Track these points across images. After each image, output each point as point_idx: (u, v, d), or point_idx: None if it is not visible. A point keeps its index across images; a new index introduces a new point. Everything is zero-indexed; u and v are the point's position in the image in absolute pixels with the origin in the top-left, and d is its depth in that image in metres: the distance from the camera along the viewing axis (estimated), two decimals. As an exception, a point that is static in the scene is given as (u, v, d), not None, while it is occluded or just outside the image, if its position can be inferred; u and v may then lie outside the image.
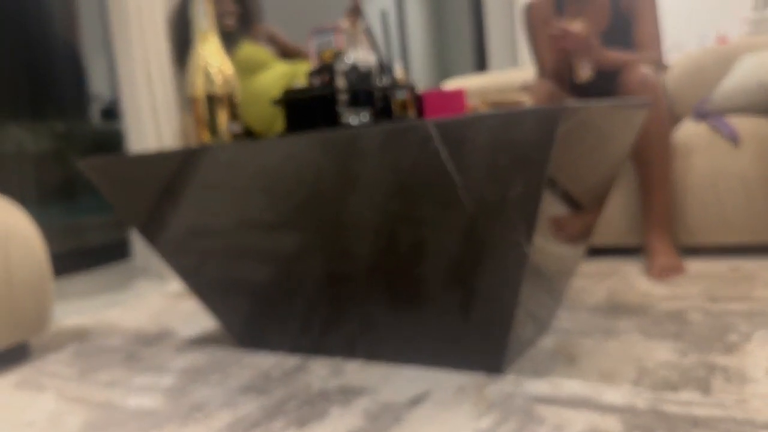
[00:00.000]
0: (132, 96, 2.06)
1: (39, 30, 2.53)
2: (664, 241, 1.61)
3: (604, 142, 1.10)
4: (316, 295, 1.15)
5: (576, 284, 1.54)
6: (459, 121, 0.89)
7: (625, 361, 1.03)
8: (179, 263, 1.27)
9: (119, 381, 1.18)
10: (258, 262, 1.17)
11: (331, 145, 0.99)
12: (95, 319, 1.68)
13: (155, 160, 1.15)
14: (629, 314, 1.26)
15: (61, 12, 2.65)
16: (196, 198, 1.15)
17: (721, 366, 0.97)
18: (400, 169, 0.96)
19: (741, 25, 4.51)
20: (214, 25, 1.14)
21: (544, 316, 1.18)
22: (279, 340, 1.23)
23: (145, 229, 1.26)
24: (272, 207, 1.09)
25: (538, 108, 0.85)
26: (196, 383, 1.12)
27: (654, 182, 1.61)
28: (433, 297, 1.04)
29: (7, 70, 2.41)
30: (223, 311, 1.29)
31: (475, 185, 0.92)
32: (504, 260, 0.95)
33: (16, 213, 1.34)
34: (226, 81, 1.13)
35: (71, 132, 2.59)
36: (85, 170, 1.24)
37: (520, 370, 1.03)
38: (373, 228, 1.03)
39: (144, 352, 1.34)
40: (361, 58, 1.09)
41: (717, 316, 1.20)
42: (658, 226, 1.62)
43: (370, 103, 1.09)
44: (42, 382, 1.21)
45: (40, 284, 1.33)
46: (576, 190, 1.05)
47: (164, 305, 1.78)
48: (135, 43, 2.03)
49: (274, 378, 1.11)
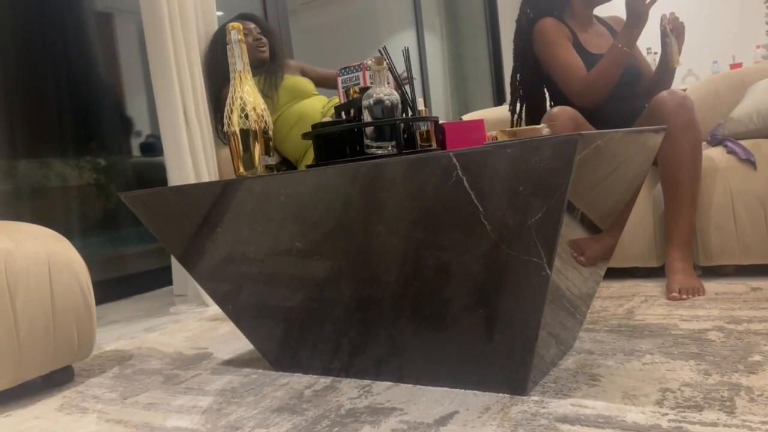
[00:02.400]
0: (171, 132, 2.16)
1: (83, 71, 2.68)
2: (686, 262, 1.62)
3: (622, 167, 1.13)
4: (346, 319, 1.20)
5: (597, 305, 1.56)
6: (480, 150, 0.94)
7: (648, 381, 1.05)
8: (216, 289, 1.33)
9: (158, 403, 1.23)
10: (290, 287, 1.23)
11: (358, 175, 1.05)
12: (135, 344, 1.75)
13: (193, 192, 1.23)
14: (650, 335, 1.28)
15: (104, 54, 2.80)
16: (232, 227, 1.21)
17: (746, 386, 0.98)
18: (424, 197, 1.01)
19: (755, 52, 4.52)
20: (248, 65, 1.22)
21: (567, 337, 1.21)
22: (310, 363, 1.28)
23: (184, 257, 1.33)
24: (303, 235, 1.15)
25: (555, 136, 0.89)
26: (232, 404, 1.17)
27: (682, 203, 1.63)
28: (458, 320, 1.08)
29: (54, 110, 2.55)
30: (258, 335, 1.34)
31: (496, 211, 0.96)
32: (526, 283, 0.98)
33: (60, 242, 1.41)
34: (260, 117, 1.21)
35: (113, 166, 2.71)
36: (127, 202, 1.32)
37: (544, 390, 1.06)
38: (399, 254, 1.08)
39: (182, 375, 1.40)
40: (385, 93, 1.15)
41: (738, 336, 1.21)
42: (681, 246, 1.63)
43: (394, 135, 1.14)
44: (84, 405, 1.28)
45: (84, 310, 1.40)
46: (595, 213, 1.09)
47: (201, 330, 1.85)
48: (173, 82, 2.14)
49: (306, 398, 1.15)
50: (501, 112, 2.50)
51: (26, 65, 2.44)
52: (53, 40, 2.53)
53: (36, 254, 1.32)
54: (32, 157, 2.39)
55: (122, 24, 2.84)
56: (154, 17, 2.13)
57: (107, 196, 1.53)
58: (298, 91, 2.26)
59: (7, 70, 2.38)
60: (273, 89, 2.21)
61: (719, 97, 2.01)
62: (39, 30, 2.48)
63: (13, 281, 1.27)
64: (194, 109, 2.22)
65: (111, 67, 2.82)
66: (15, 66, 2.41)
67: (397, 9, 4.70)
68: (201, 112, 2.26)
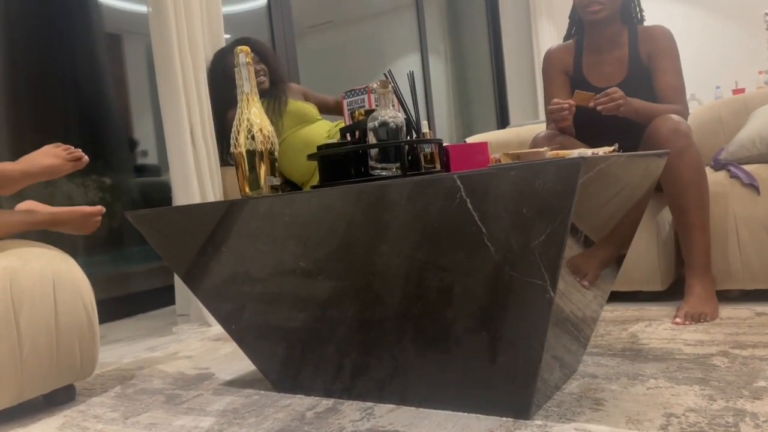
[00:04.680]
0: (178, 152, 2.18)
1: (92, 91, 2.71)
2: (705, 285, 1.61)
3: (625, 191, 1.14)
4: (348, 340, 1.19)
5: (600, 329, 1.55)
6: (484, 173, 0.95)
7: (652, 406, 1.04)
8: (219, 309, 1.33)
9: (160, 423, 1.23)
10: (293, 308, 1.23)
11: (362, 196, 1.06)
12: (138, 363, 1.75)
13: (199, 212, 1.24)
14: (654, 359, 1.27)
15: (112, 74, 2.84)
16: (236, 247, 1.22)
17: (750, 412, 0.98)
18: (427, 218, 1.02)
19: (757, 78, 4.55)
20: (256, 88, 1.23)
21: (571, 361, 1.21)
22: (312, 384, 1.28)
23: (188, 276, 1.33)
24: (306, 255, 1.16)
25: (558, 159, 0.90)
26: (233, 425, 1.16)
27: (692, 228, 1.62)
28: (461, 341, 1.07)
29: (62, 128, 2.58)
30: (260, 355, 1.34)
31: (500, 233, 0.97)
32: (529, 305, 0.98)
33: (65, 261, 1.41)
34: (266, 138, 1.22)
35: (118, 185, 2.73)
36: (133, 221, 1.33)
37: (548, 414, 1.05)
38: (402, 275, 1.08)
39: (184, 395, 1.39)
40: (390, 115, 1.17)
41: (743, 361, 1.21)
42: (699, 270, 1.62)
43: (399, 156, 1.15)
44: (86, 424, 1.27)
45: (87, 330, 1.40)
46: (598, 237, 1.09)
47: (203, 350, 1.84)
48: (181, 103, 2.17)
49: (308, 420, 1.15)
50: (504, 135, 2.52)
51: (35, 85, 2.48)
52: (62, 61, 2.57)
53: (41, 273, 1.33)
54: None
55: (130, 45, 2.88)
56: (163, 38, 2.16)
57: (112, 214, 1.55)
58: (303, 115, 2.28)
59: (16, 89, 2.41)
60: (278, 116, 2.23)
61: (722, 123, 2.02)
62: (48, 50, 2.52)
63: (18, 299, 1.27)
64: (201, 130, 2.24)
65: (118, 87, 2.85)
66: (24, 85, 2.44)
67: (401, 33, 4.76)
68: (207, 133, 2.28)
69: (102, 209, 1.52)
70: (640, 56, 1.86)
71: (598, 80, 1.90)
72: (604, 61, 1.90)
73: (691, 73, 1.93)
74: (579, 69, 1.94)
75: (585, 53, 1.94)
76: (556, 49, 2.01)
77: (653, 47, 1.84)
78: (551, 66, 1.99)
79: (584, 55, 1.94)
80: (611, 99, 1.63)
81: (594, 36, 1.91)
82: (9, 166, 1.34)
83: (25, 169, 1.36)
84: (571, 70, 1.95)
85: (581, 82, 1.92)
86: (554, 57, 1.99)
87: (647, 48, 1.85)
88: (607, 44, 1.90)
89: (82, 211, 1.49)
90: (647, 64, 1.85)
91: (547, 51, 2.04)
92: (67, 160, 1.42)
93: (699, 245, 1.62)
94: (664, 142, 1.60)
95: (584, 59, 1.94)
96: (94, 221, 1.51)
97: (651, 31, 1.87)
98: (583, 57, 1.94)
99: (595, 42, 1.91)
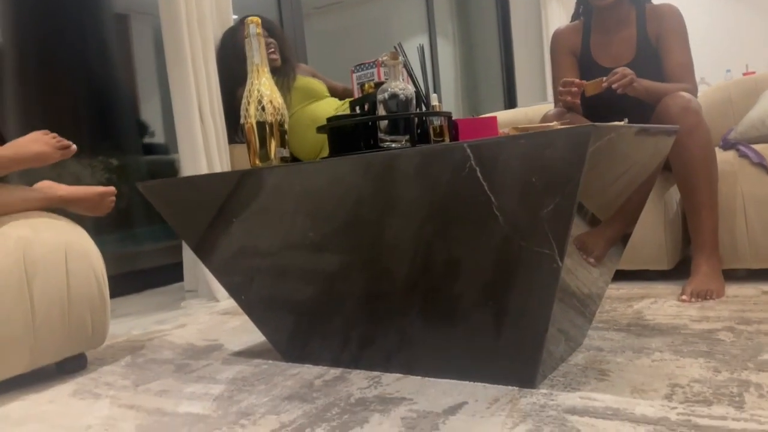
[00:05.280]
0: (186, 129, 2.19)
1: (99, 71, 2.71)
2: (712, 263, 1.61)
3: (633, 168, 1.14)
4: (356, 312, 1.21)
5: (606, 305, 1.56)
6: (493, 142, 0.96)
7: (657, 377, 1.05)
8: (229, 281, 1.35)
9: (170, 390, 1.25)
10: (301, 280, 1.24)
11: (371, 167, 1.06)
12: (147, 335, 1.77)
13: (209, 183, 1.25)
14: (660, 334, 1.28)
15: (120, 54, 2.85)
16: (246, 219, 1.23)
17: (755, 383, 0.99)
18: (436, 189, 1.02)
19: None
20: (266, 59, 1.24)
21: (576, 334, 1.22)
22: (320, 354, 1.29)
23: (199, 248, 1.34)
24: (315, 228, 1.17)
25: (569, 128, 0.91)
26: (243, 392, 1.18)
27: (701, 207, 1.62)
28: (468, 313, 1.09)
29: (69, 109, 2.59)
30: (269, 326, 1.36)
31: (508, 203, 0.97)
32: (537, 276, 0.99)
33: (76, 231, 1.42)
34: (276, 110, 1.22)
35: (125, 166, 2.75)
36: (144, 192, 1.34)
37: (553, 384, 1.06)
38: (410, 247, 1.09)
39: (194, 365, 1.42)
40: (400, 87, 1.17)
41: (749, 336, 1.21)
42: (706, 249, 1.62)
43: (408, 129, 1.16)
44: (97, 391, 1.29)
45: (98, 299, 1.42)
46: (605, 215, 1.10)
47: (212, 323, 1.87)
48: (189, 80, 2.17)
49: (316, 388, 1.16)
50: (512, 114, 2.51)
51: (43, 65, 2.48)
52: (70, 40, 2.57)
53: (53, 243, 1.34)
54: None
55: (138, 24, 2.88)
56: (172, 17, 2.17)
57: (120, 195, 1.57)
58: (311, 92, 2.28)
59: (25, 70, 2.42)
60: (286, 91, 2.23)
61: (732, 104, 2.01)
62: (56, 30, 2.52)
63: (31, 269, 1.29)
64: (209, 107, 2.25)
65: (126, 66, 2.85)
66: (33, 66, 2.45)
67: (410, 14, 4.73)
68: (216, 111, 2.29)
69: (115, 190, 1.55)
70: (648, 36, 1.85)
71: (606, 60, 1.90)
72: (612, 41, 1.89)
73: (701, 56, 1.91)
74: (587, 49, 1.93)
75: (593, 33, 1.93)
76: (564, 30, 2.00)
77: (662, 26, 1.83)
78: (559, 47, 1.98)
79: (592, 36, 1.93)
80: (622, 75, 1.63)
81: (602, 16, 1.90)
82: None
83: (14, 155, 1.37)
84: (578, 50, 1.95)
85: (589, 62, 1.92)
86: (561, 38, 1.99)
87: (655, 27, 1.84)
88: (614, 24, 1.88)
89: (97, 191, 1.53)
90: (655, 44, 1.84)
91: (555, 32, 2.03)
92: (56, 149, 1.43)
93: (707, 224, 1.62)
94: (674, 119, 1.59)
95: (592, 39, 1.93)
96: (109, 201, 1.54)
97: (659, 10, 1.85)
98: (591, 37, 1.93)
99: (602, 22, 1.90)
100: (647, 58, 1.84)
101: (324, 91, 2.33)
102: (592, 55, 1.92)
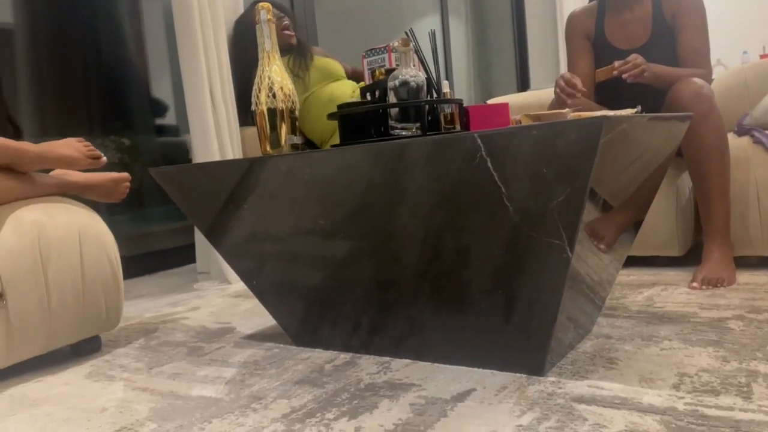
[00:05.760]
0: (197, 111, 2.20)
1: (111, 51, 2.72)
2: (723, 250, 1.61)
3: (646, 155, 1.13)
4: (366, 299, 1.22)
5: (616, 292, 1.56)
6: (504, 132, 0.95)
7: (666, 366, 1.06)
8: (240, 266, 1.36)
9: (183, 373, 1.27)
10: (312, 266, 1.25)
11: (382, 155, 1.06)
12: (160, 317, 1.80)
13: (220, 169, 1.25)
14: (669, 322, 1.29)
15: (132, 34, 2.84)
16: (257, 205, 1.24)
17: (764, 373, 0.99)
18: (447, 178, 1.02)
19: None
20: (277, 46, 1.23)
21: (585, 322, 1.22)
22: (331, 339, 1.31)
23: (210, 233, 1.36)
24: (326, 214, 1.17)
25: (581, 119, 0.90)
26: (255, 376, 1.20)
27: (712, 194, 1.61)
28: (477, 301, 1.09)
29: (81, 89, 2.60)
30: (280, 311, 1.37)
31: (519, 193, 0.97)
32: (546, 265, 1.00)
33: (90, 215, 1.44)
34: (287, 97, 1.22)
35: (137, 146, 2.76)
36: (156, 178, 1.35)
37: (561, 372, 1.07)
38: (420, 235, 1.09)
39: (206, 348, 1.44)
40: (411, 74, 1.16)
41: (758, 325, 1.21)
42: (718, 236, 1.62)
43: (419, 116, 1.15)
44: (111, 373, 1.32)
45: (112, 282, 1.44)
46: (617, 201, 1.09)
47: (224, 305, 1.89)
48: (200, 62, 2.17)
49: (326, 372, 1.18)
50: (525, 97, 2.49)
51: (54, 44, 2.49)
52: (81, 20, 2.57)
53: (68, 226, 1.36)
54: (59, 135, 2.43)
55: (149, 4, 2.87)
56: (183, 2, 2.16)
57: (132, 176, 1.59)
58: (329, 72, 2.29)
59: (36, 51, 2.42)
60: (304, 69, 2.24)
61: (748, 88, 1.98)
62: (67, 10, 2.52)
63: (46, 252, 1.31)
64: (220, 89, 2.25)
65: (137, 47, 2.85)
66: (44, 45, 2.45)
67: (421, -7, 4.68)
68: (227, 92, 2.29)
69: (129, 176, 1.57)
70: (664, 15, 1.81)
71: (621, 42, 1.87)
72: (627, 22, 1.86)
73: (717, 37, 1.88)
74: (601, 31, 1.90)
75: (607, 14, 1.90)
76: (579, 13, 1.97)
77: (678, 6, 1.79)
78: (573, 31, 1.96)
79: (606, 16, 1.90)
80: (634, 65, 1.60)
81: None
82: (27, 146, 1.37)
83: (42, 152, 1.39)
84: (592, 34, 1.92)
85: (603, 44, 1.89)
86: (576, 21, 1.96)
87: (672, 6, 1.80)
88: (629, 3, 1.85)
89: (111, 177, 1.55)
90: (671, 23, 1.80)
91: (570, 15, 2.00)
92: (85, 156, 1.46)
93: (719, 211, 1.61)
94: (686, 106, 1.57)
95: (606, 20, 1.90)
96: (123, 187, 1.57)
97: None
98: (605, 18, 1.90)
99: (616, 2, 1.87)
100: (663, 38, 1.81)
101: (341, 71, 2.34)
102: (606, 37, 1.89)
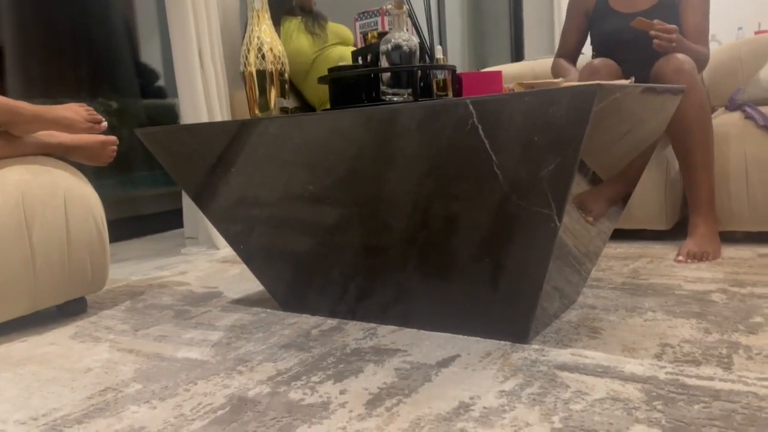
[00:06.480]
0: (186, 74, 2.16)
1: (98, 12, 2.65)
2: (709, 224, 1.62)
3: (637, 126, 1.13)
4: (354, 265, 1.22)
5: (602, 264, 1.57)
6: (497, 99, 0.94)
7: (648, 336, 1.07)
8: (228, 230, 1.35)
9: (169, 336, 1.27)
10: (300, 231, 1.25)
11: (372, 121, 1.05)
12: (147, 280, 1.79)
13: (209, 131, 1.23)
14: (654, 294, 1.30)
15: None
16: (245, 169, 1.23)
17: (744, 345, 1.00)
18: (437, 145, 1.01)
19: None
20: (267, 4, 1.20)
21: (570, 292, 1.23)
22: (318, 305, 1.31)
23: (198, 197, 1.34)
24: (315, 180, 1.16)
25: (573, 87, 0.89)
26: (241, 339, 1.21)
27: (697, 168, 1.62)
28: (464, 269, 1.09)
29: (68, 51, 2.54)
30: (268, 276, 1.37)
31: (509, 161, 0.96)
32: (534, 234, 1.00)
33: (75, 176, 1.42)
34: (277, 58, 1.20)
35: (125, 109, 2.71)
36: (143, 139, 1.33)
37: (545, 340, 1.08)
38: (409, 202, 1.09)
39: (193, 311, 1.44)
40: (403, 38, 1.14)
41: (741, 299, 1.23)
42: (703, 210, 1.63)
43: (411, 82, 1.14)
44: (97, 334, 1.32)
45: (98, 244, 1.43)
46: (607, 174, 1.09)
47: (212, 270, 1.88)
48: (189, 24, 2.13)
49: (313, 337, 1.18)
50: (519, 67, 2.46)
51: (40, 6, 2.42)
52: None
53: (52, 187, 1.34)
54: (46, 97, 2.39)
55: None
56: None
57: (120, 139, 1.56)
58: (343, 37, 2.39)
59: (22, 13, 2.35)
60: (322, 28, 2.32)
61: (741, 63, 1.97)
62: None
63: (30, 212, 1.29)
64: (209, 52, 2.21)
65: (125, 9, 2.78)
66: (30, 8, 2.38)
67: (417, -40, 4.58)
68: (216, 55, 2.25)
69: (116, 140, 1.54)
70: None
71: (623, 6, 1.85)
72: None
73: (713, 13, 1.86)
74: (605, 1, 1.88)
75: None
76: None
77: None
78: (574, 5, 1.96)
79: None
80: (669, 38, 1.58)
81: None
82: (23, 104, 1.34)
83: (38, 112, 1.36)
84: (591, 9, 1.92)
85: (605, 10, 1.87)
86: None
87: None
88: None
89: (99, 139, 1.52)
90: None
91: None
92: (85, 119, 1.42)
93: (703, 185, 1.62)
94: (668, 81, 1.58)
95: None
96: (111, 150, 1.54)
97: None
98: None
99: None
100: (668, 8, 1.80)
101: (352, 39, 2.42)
102: (609, 3, 1.87)
